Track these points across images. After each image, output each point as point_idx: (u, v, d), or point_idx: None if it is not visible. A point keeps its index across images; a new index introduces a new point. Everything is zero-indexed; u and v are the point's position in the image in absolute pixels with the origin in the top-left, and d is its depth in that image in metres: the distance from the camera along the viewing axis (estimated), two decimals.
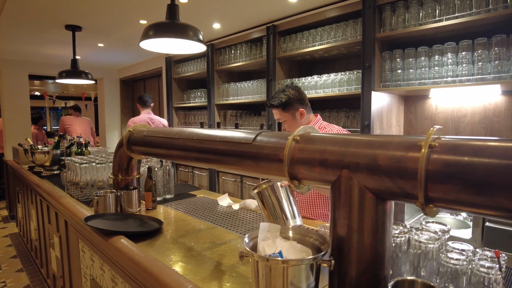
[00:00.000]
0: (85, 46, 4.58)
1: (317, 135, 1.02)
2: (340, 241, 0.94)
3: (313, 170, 0.98)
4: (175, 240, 1.59)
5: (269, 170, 1.12)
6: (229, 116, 4.23)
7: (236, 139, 1.25)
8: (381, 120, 2.80)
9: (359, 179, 0.88)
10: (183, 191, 2.58)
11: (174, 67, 5.00)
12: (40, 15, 3.32)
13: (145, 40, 1.80)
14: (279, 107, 1.86)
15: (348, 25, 2.86)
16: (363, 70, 2.70)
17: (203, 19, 3.44)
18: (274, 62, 3.38)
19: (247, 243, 0.93)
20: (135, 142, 1.90)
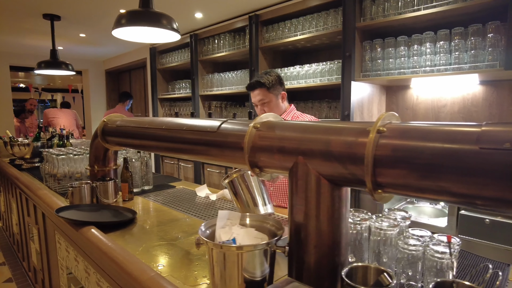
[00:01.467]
0: (66, 37, 4.49)
1: (277, 122, 1.02)
2: (297, 228, 0.95)
3: (273, 157, 0.98)
4: (148, 230, 1.59)
5: (233, 158, 1.11)
6: (214, 107, 4.21)
7: (202, 127, 1.24)
8: (361, 110, 2.81)
9: (313, 166, 0.88)
10: (163, 183, 2.57)
11: (158, 58, 4.94)
12: (17, 3, 3.24)
13: (117, 28, 1.77)
14: (264, 87, 1.85)
15: (329, 14, 2.85)
16: (344, 59, 2.70)
17: (184, 8, 3.39)
18: (257, 52, 3.36)
19: (204, 231, 0.93)
20: (109, 133, 1.88)
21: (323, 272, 0.91)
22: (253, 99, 1.92)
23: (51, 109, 5.82)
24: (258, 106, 1.91)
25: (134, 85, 6.19)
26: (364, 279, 0.87)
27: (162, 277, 1.04)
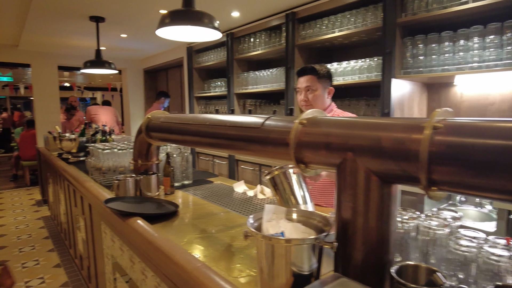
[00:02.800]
0: (109, 37, 4.70)
1: (323, 118, 1.02)
2: (344, 224, 0.95)
3: (319, 153, 0.98)
4: (190, 223, 1.64)
5: (277, 154, 1.13)
6: (248, 105, 4.25)
7: (245, 123, 1.27)
8: (402, 108, 2.73)
9: (363, 162, 0.88)
10: (201, 178, 2.64)
11: (195, 57, 5.05)
12: (66, 7, 3.44)
13: (161, 28, 1.84)
14: (316, 75, 1.85)
15: (368, 10, 2.78)
16: (384, 56, 2.63)
17: (222, 8, 3.45)
18: (293, 49, 3.35)
19: (252, 223, 0.95)
20: (153, 129, 1.96)
21: (371, 269, 0.90)
22: (299, 84, 1.91)
23: (93, 106, 6.13)
24: (303, 93, 1.90)
25: (171, 83, 6.37)
26: (414, 278, 0.86)
27: (208, 267, 1.07)
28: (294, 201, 1.50)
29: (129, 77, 6.87)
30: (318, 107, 1.90)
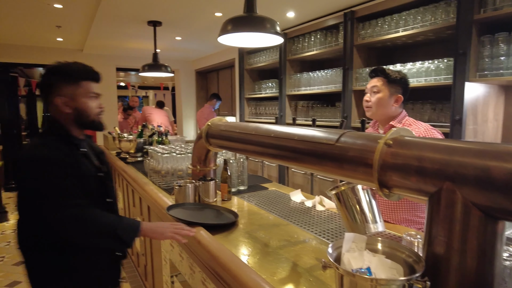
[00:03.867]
0: (164, 40, 4.85)
1: (413, 139, 0.92)
2: (436, 260, 0.84)
3: (408, 178, 0.88)
4: (250, 235, 1.60)
5: (355, 174, 1.04)
6: (300, 107, 4.15)
7: (316, 138, 1.19)
8: (475, 114, 2.48)
9: (464, 194, 0.77)
10: (255, 183, 2.61)
11: (246, 58, 5.05)
12: (127, 13, 3.58)
13: (224, 35, 1.81)
14: (385, 78, 1.73)
15: (439, 7, 2.56)
16: (456, 57, 2.40)
17: (277, 8, 3.38)
18: (352, 50, 3.20)
19: (331, 253, 0.88)
20: (213, 136, 1.95)
21: None
22: (368, 85, 1.80)
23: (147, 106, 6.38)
24: (368, 93, 1.79)
25: (221, 84, 6.44)
26: None
27: None
28: (363, 220, 1.40)
29: (182, 78, 7.07)
30: (378, 112, 1.77)
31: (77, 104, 1.39)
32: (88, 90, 1.43)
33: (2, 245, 3.92)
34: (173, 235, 1.43)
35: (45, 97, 1.40)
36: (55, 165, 1.28)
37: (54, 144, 1.34)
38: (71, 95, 1.38)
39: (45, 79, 1.39)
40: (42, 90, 1.41)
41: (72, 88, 1.38)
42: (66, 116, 1.40)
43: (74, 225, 1.25)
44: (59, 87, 1.36)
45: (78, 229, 1.26)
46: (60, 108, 1.37)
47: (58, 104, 1.37)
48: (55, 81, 1.37)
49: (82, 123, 1.44)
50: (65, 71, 1.38)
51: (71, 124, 1.42)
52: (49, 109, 1.41)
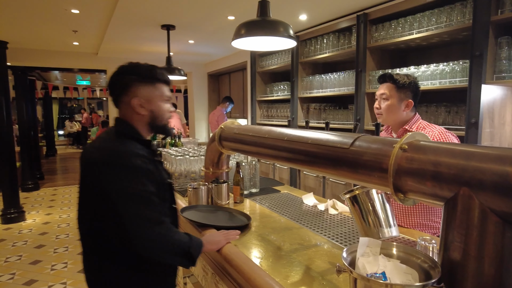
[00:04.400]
0: (177, 43, 4.91)
1: (428, 144, 0.91)
2: (452, 266, 0.84)
3: (424, 183, 0.87)
4: (263, 238, 1.61)
5: (370, 178, 1.04)
6: (312, 109, 4.14)
7: (330, 142, 1.19)
8: (491, 117, 2.44)
9: (482, 200, 0.76)
10: (267, 186, 2.61)
11: (258, 61, 5.06)
12: (141, 17, 3.64)
13: (237, 39, 1.83)
14: (394, 84, 1.71)
15: (454, 9, 2.52)
16: (472, 60, 2.36)
17: (290, 11, 3.39)
18: (365, 52, 3.18)
19: (345, 257, 0.88)
20: (226, 139, 1.97)
21: None
22: (377, 92, 1.79)
23: None
24: (378, 99, 1.78)
25: (233, 86, 6.48)
26: None
27: None
28: (377, 224, 1.40)
29: (194, 80, 7.14)
30: (389, 118, 1.76)
31: (152, 106, 1.33)
32: (163, 93, 1.37)
33: (19, 244, 4.02)
34: (226, 242, 1.45)
35: (118, 97, 1.33)
36: (145, 175, 1.22)
37: (139, 151, 1.26)
38: (147, 97, 1.31)
39: (121, 79, 1.31)
40: (116, 89, 1.33)
41: (149, 89, 1.32)
42: (140, 118, 1.33)
43: (157, 244, 1.19)
44: (136, 87, 1.30)
45: (160, 248, 1.20)
46: (135, 110, 1.31)
47: (134, 105, 1.30)
48: (132, 82, 1.30)
49: (155, 127, 1.37)
50: (143, 72, 1.32)
51: (143, 126, 1.35)
52: (121, 109, 1.34)
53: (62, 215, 5.13)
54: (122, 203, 1.16)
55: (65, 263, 3.51)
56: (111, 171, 1.18)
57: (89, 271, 1.33)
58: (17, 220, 4.80)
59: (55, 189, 6.79)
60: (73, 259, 3.60)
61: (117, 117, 1.36)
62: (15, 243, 4.06)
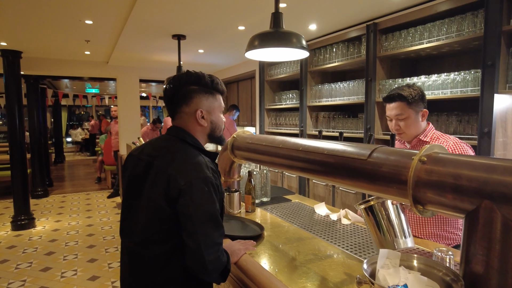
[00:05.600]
0: (187, 52, 4.97)
1: (448, 157, 0.92)
2: (475, 280, 0.83)
3: (444, 195, 0.88)
4: (277, 248, 1.61)
5: (388, 190, 1.04)
6: (321, 118, 4.14)
7: (347, 153, 1.20)
8: (504, 126, 2.42)
9: (505, 212, 0.76)
10: (278, 195, 2.61)
11: (267, 69, 5.10)
12: (153, 27, 3.70)
13: (251, 50, 1.85)
14: (405, 101, 1.70)
15: (465, 19, 2.53)
16: (484, 69, 2.36)
17: (300, 21, 3.42)
18: (375, 61, 3.19)
19: (366, 269, 0.88)
20: (238, 148, 1.98)
21: None
22: (388, 112, 1.78)
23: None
24: (393, 120, 1.77)
25: (241, 95, 6.52)
26: None
27: None
28: (392, 235, 1.39)
29: None
30: (412, 133, 1.76)
31: (213, 117, 1.31)
32: (221, 104, 1.36)
33: (30, 251, 4.05)
34: (245, 252, 1.45)
35: (178, 107, 1.29)
36: (214, 191, 1.16)
37: (208, 163, 1.21)
38: (209, 108, 1.30)
39: (183, 88, 1.28)
40: (175, 99, 1.29)
41: (210, 100, 1.30)
42: (201, 129, 1.30)
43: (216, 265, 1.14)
44: (199, 98, 1.28)
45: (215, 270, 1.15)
46: (198, 121, 1.28)
47: (198, 117, 1.27)
48: (196, 92, 1.27)
49: (213, 137, 1.36)
50: (205, 83, 1.29)
51: (202, 137, 1.32)
52: (180, 119, 1.30)
53: (71, 222, 5.17)
54: (198, 222, 1.10)
55: (75, 271, 3.53)
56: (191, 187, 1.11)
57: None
58: (27, 226, 4.85)
59: (64, 196, 6.85)
60: (83, 267, 3.61)
61: (177, 126, 1.31)
62: (26, 249, 4.10)
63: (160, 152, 1.26)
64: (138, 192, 1.24)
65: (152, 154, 1.27)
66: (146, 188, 1.21)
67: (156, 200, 1.16)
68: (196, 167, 1.17)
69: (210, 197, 1.14)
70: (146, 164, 1.25)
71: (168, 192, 1.13)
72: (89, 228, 4.91)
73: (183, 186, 1.11)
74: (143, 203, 1.21)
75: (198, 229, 1.10)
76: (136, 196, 1.25)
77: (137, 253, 1.22)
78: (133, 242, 1.24)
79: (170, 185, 1.13)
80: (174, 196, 1.12)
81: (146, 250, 1.19)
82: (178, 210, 1.13)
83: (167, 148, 1.26)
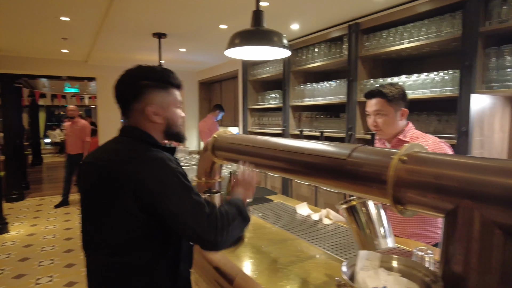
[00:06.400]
0: (169, 51, 4.89)
1: (429, 156, 0.90)
2: (454, 280, 0.82)
3: (424, 195, 0.86)
4: (258, 250, 1.58)
5: (368, 190, 1.02)
6: (304, 118, 4.14)
7: (328, 153, 1.18)
8: (481, 126, 2.47)
9: (484, 212, 0.75)
10: (260, 195, 2.58)
11: (250, 69, 5.07)
12: (132, 25, 3.62)
13: (231, 48, 1.82)
14: (385, 98, 1.71)
15: (444, 20, 2.57)
16: (462, 69, 2.40)
17: (282, 21, 3.41)
18: (356, 61, 3.21)
19: (345, 272, 0.86)
20: (220, 148, 1.94)
21: None
22: (368, 108, 1.78)
23: None
24: (372, 117, 1.77)
25: (225, 95, 6.47)
26: None
27: None
28: (374, 235, 1.38)
29: (185, 89, 7.11)
30: (389, 132, 1.77)
31: (167, 113, 1.24)
32: (176, 99, 1.28)
33: (2, 257, 3.88)
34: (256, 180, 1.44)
35: (128, 105, 1.22)
36: (187, 179, 1.15)
37: (170, 157, 1.17)
38: (162, 104, 1.22)
39: (132, 85, 1.21)
40: (125, 96, 1.22)
41: (163, 95, 1.22)
42: (155, 127, 1.22)
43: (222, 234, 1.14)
44: (150, 94, 1.20)
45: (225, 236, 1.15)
46: (150, 118, 1.20)
47: (149, 113, 1.19)
48: (146, 88, 1.20)
49: (170, 134, 1.28)
50: (156, 77, 1.22)
51: (158, 134, 1.24)
52: (132, 117, 1.23)
53: (48, 226, 4.98)
54: (185, 215, 1.06)
55: (51, 277, 3.39)
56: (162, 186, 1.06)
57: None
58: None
59: (41, 199, 6.62)
60: (60, 272, 3.48)
61: (129, 126, 1.24)
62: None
63: (116, 155, 1.15)
64: (98, 201, 1.14)
65: (107, 158, 1.16)
66: (108, 196, 1.11)
67: (123, 207, 1.07)
68: (160, 163, 1.10)
69: (184, 186, 1.10)
70: (102, 170, 1.13)
71: (137, 196, 1.05)
72: (67, 231, 4.74)
73: (154, 188, 1.05)
74: (107, 212, 1.11)
75: (187, 220, 1.06)
76: (98, 206, 1.14)
77: (112, 264, 1.12)
78: (103, 254, 1.14)
79: (138, 189, 1.05)
80: (147, 201, 1.05)
81: (122, 259, 1.11)
82: (160, 215, 1.07)
83: (123, 150, 1.16)
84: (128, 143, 1.19)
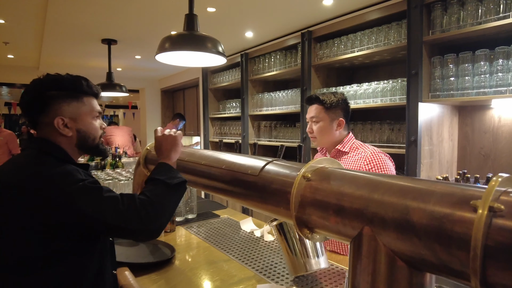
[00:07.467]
0: (123, 59, 4.68)
1: (334, 171, 0.80)
2: None
3: (328, 218, 0.75)
4: (185, 274, 1.44)
5: (277, 209, 0.91)
6: (263, 127, 4.05)
7: (242, 168, 1.06)
8: (430, 134, 2.45)
9: (385, 240, 0.65)
10: (207, 210, 2.44)
11: (210, 78, 4.94)
12: (78, 31, 3.41)
13: (161, 53, 1.69)
14: (322, 105, 1.65)
15: (391, 28, 2.56)
16: (409, 78, 2.38)
17: (234, 28, 3.31)
18: (310, 70, 3.15)
19: None
20: (151, 161, 1.79)
21: None
22: (307, 114, 1.73)
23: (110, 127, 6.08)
24: (309, 122, 1.71)
25: (188, 103, 6.29)
26: None
27: None
28: (304, 254, 1.28)
29: (147, 96, 6.87)
30: (324, 140, 1.70)
31: (80, 125, 1.13)
32: (93, 108, 1.17)
33: None
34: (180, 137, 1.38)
35: (36, 117, 1.11)
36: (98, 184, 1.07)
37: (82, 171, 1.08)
38: (73, 115, 1.12)
39: (38, 96, 1.09)
40: (31, 109, 1.11)
41: (74, 106, 1.12)
42: (66, 140, 1.12)
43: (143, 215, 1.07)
44: (58, 105, 1.09)
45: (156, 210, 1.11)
46: (60, 131, 1.10)
47: (58, 126, 1.09)
48: (52, 98, 1.09)
49: (86, 148, 1.17)
50: (64, 86, 1.12)
51: (70, 149, 1.13)
52: (41, 130, 1.12)
53: None
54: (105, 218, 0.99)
55: None
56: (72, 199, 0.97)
57: None
58: None
59: None
60: None
61: (38, 137, 1.11)
62: None
63: (20, 171, 1.03)
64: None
65: (11, 174, 1.03)
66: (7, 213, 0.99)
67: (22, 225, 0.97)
68: (68, 176, 1.01)
69: (91, 188, 1.01)
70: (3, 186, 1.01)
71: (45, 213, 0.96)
72: None
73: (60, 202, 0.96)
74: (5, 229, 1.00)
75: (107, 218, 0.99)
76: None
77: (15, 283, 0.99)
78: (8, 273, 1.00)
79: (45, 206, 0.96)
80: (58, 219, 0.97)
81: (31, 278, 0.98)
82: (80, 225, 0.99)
83: (28, 165, 1.04)
84: (34, 157, 1.07)
